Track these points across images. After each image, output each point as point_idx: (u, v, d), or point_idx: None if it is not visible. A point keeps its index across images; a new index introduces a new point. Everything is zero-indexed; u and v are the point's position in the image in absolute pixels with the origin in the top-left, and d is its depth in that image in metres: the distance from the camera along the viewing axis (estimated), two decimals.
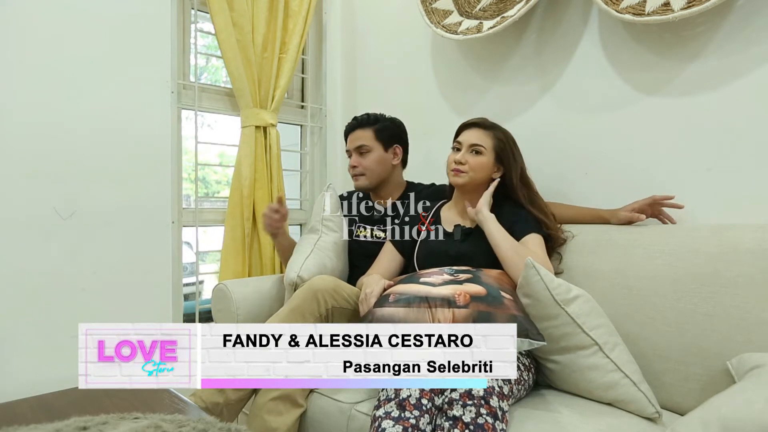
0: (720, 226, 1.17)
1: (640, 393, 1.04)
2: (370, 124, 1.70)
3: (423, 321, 1.02)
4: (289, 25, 2.13)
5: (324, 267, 1.56)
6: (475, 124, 1.42)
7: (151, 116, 1.86)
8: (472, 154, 1.38)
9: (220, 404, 1.24)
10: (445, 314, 1.01)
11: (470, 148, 1.38)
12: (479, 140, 1.38)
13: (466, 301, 1.00)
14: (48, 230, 1.66)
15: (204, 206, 2.15)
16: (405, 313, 1.05)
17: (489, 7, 1.73)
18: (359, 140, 1.68)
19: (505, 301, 1.03)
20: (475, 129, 1.41)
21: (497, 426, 0.89)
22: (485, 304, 1.00)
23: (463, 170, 1.38)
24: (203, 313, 2.03)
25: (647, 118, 1.44)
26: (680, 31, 1.37)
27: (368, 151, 1.68)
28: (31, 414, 0.90)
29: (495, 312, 0.98)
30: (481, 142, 1.38)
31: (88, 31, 1.73)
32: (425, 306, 1.05)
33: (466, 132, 1.42)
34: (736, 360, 0.99)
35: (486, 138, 1.39)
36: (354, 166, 1.69)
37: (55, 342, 1.66)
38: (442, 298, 1.04)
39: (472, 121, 1.44)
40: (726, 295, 1.07)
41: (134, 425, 0.77)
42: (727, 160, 1.30)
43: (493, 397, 0.92)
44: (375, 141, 1.69)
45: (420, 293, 1.08)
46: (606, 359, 1.05)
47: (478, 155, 1.38)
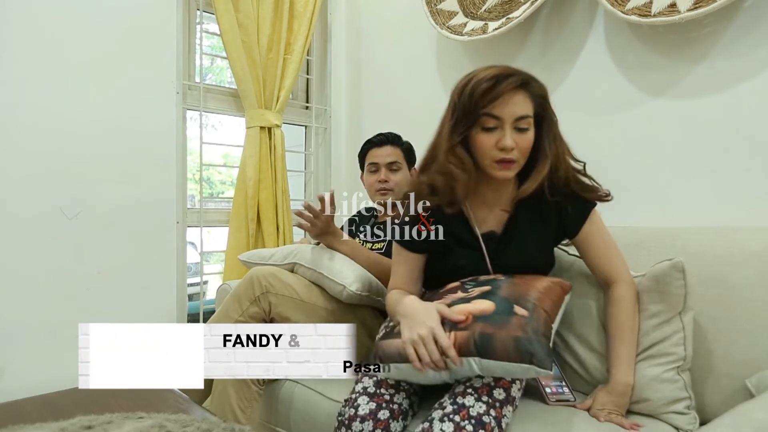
0: (727, 228, 1.16)
1: (690, 413, 1.02)
2: (399, 144, 1.70)
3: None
4: (294, 26, 2.13)
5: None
6: (510, 80, 0.99)
7: (156, 117, 1.87)
8: (519, 132, 1.02)
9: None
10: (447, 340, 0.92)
11: (514, 125, 1.01)
12: (524, 110, 1.01)
13: (467, 322, 0.92)
14: (53, 230, 1.67)
15: (208, 207, 2.16)
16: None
17: (494, 8, 1.72)
18: (392, 156, 1.67)
19: (513, 319, 0.90)
20: (515, 93, 1.00)
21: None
22: (489, 323, 0.90)
23: (513, 158, 1.02)
24: (207, 314, 2.03)
25: (653, 119, 1.43)
26: (686, 33, 1.36)
27: (399, 169, 1.67)
28: (36, 413, 0.90)
29: (496, 333, 0.87)
30: (527, 111, 1.02)
31: (94, 32, 1.74)
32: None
33: (504, 101, 0.99)
34: (756, 378, 0.98)
35: (528, 102, 1.02)
36: (384, 181, 1.65)
37: (60, 341, 1.67)
38: (448, 322, 0.95)
39: (501, 75, 0.99)
40: (733, 298, 1.06)
41: (138, 425, 0.77)
42: (732, 162, 1.29)
43: (508, 407, 0.91)
44: (404, 160, 1.69)
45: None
46: (678, 376, 1.02)
47: (524, 132, 1.03)
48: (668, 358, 1.03)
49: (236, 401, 1.25)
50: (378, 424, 0.93)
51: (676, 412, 1.01)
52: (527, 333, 0.88)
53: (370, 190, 1.72)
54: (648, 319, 1.05)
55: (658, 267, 1.04)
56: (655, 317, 1.05)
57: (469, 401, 0.89)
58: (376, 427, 0.93)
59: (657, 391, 1.02)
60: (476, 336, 0.88)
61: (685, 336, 1.03)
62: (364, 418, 0.93)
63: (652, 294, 1.06)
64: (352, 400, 0.97)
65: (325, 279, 1.38)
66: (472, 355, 0.88)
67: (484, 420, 0.87)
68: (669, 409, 1.02)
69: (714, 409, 1.04)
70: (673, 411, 1.02)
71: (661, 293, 1.04)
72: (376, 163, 1.68)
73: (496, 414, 0.88)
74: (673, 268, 1.02)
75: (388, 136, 1.70)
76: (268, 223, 2.05)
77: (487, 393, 0.91)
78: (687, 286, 1.02)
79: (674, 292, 1.03)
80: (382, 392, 0.98)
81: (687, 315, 1.04)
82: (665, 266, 1.03)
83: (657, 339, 1.04)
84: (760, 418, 0.77)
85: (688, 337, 1.03)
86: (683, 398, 1.02)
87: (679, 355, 1.02)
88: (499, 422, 0.88)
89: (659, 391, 1.02)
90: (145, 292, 1.85)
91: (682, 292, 1.02)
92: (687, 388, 1.03)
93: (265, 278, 1.35)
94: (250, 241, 2.01)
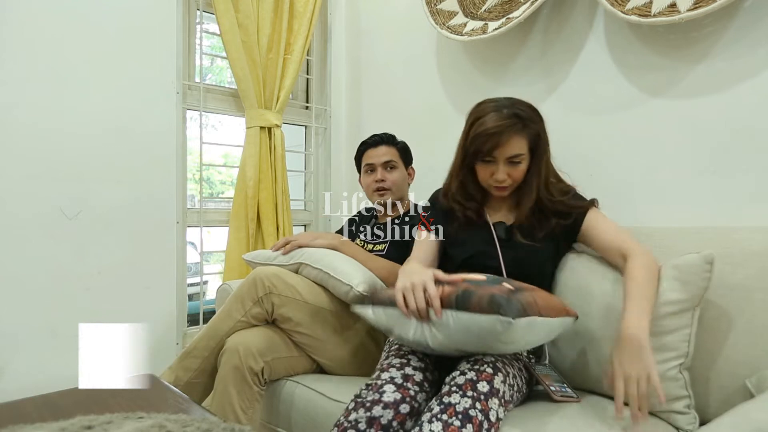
0: (726, 229, 1.16)
1: (691, 413, 1.02)
2: (394, 143, 1.71)
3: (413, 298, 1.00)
4: (294, 26, 2.13)
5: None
6: (507, 129, 1.15)
7: (156, 116, 1.87)
8: (511, 166, 1.19)
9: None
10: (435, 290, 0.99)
11: (508, 161, 1.18)
12: (518, 149, 1.17)
13: (456, 281, 0.99)
14: (53, 230, 1.67)
15: (208, 207, 2.16)
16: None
17: (494, 8, 1.73)
18: (388, 155, 1.68)
19: (496, 286, 0.95)
20: (508, 135, 1.15)
21: (483, 425, 0.87)
22: (474, 285, 0.97)
23: (507, 185, 1.22)
24: (207, 314, 2.03)
25: (653, 119, 1.43)
26: (687, 33, 1.36)
27: (395, 168, 1.69)
28: (36, 413, 0.90)
29: (477, 290, 0.94)
30: (520, 150, 1.17)
31: (94, 32, 1.74)
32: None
33: (501, 144, 1.16)
34: (756, 378, 0.98)
35: (522, 141, 1.17)
36: (381, 180, 1.66)
37: (60, 341, 1.67)
38: (440, 281, 1.02)
39: (501, 128, 1.15)
40: (733, 298, 1.06)
41: (138, 425, 0.77)
42: (733, 162, 1.29)
43: (494, 399, 0.91)
44: (400, 159, 1.71)
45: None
46: (680, 374, 1.03)
47: (517, 165, 1.19)
48: (673, 353, 1.03)
49: (238, 401, 1.25)
50: (398, 416, 0.93)
51: (676, 411, 1.02)
52: (504, 293, 0.93)
53: (368, 190, 1.72)
54: (663, 305, 1.04)
55: (687, 257, 1.04)
56: (671, 305, 1.03)
57: (455, 399, 0.90)
58: (395, 418, 0.93)
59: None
60: (460, 291, 0.95)
61: (691, 333, 1.03)
62: (387, 405, 0.93)
63: (673, 282, 1.04)
64: (377, 386, 0.97)
65: (331, 279, 1.38)
66: (452, 308, 0.94)
67: (471, 414, 0.87)
68: (669, 407, 1.02)
69: (714, 409, 1.04)
70: (673, 410, 1.02)
71: (683, 282, 1.03)
72: (372, 164, 1.69)
73: (482, 407, 0.89)
74: (703, 260, 1.02)
75: (383, 137, 1.71)
76: (268, 223, 2.05)
77: (471, 388, 0.91)
78: (711, 280, 1.02)
79: (698, 284, 1.02)
80: (408, 386, 0.98)
81: (698, 312, 1.04)
82: (695, 257, 1.03)
83: (667, 328, 1.03)
84: (760, 418, 0.77)
85: (693, 334, 1.04)
86: (683, 397, 1.02)
87: (682, 351, 1.03)
88: (487, 414, 0.89)
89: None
90: (145, 292, 1.85)
91: (705, 284, 1.02)
92: (687, 386, 1.03)
93: (268, 279, 1.35)
94: (250, 241, 2.01)
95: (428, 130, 2.05)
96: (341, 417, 0.95)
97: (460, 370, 0.96)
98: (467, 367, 0.96)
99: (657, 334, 1.03)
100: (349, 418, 0.93)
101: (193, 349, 1.35)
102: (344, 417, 0.95)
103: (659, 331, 1.03)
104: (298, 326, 1.35)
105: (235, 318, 1.34)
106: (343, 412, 0.96)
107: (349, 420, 0.93)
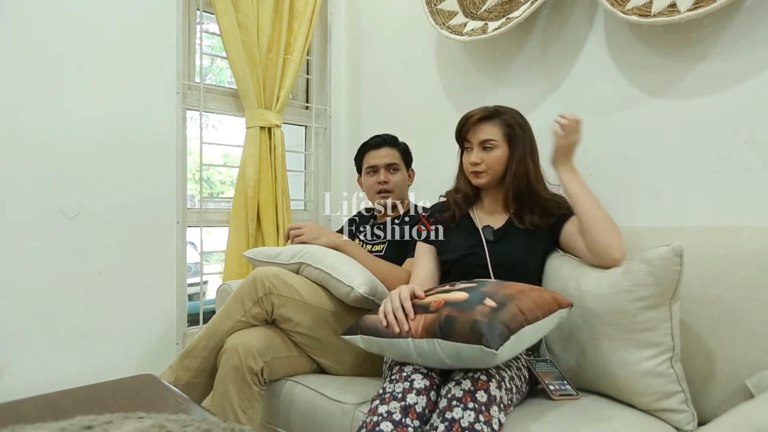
0: (727, 228, 1.16)
1: (689, 410, 1.02)
2: (396, 145, 1.71)
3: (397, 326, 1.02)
4: (294, 26, 2.13)
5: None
6: (481, 114, 1.32)
7: (156, 117, 1.87)
8: (484, 151, 1.31)
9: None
10: (417, 320, 1.00)
11: (481, 145, 1.32)
12: (490, 135, 1.31)
13: (437, 306, 0.99)
14: (53, 230, 1.67)
15: (208, 207, 2.16)
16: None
17: (494, 8, 1.73)
18: (390, 157, 1.68)
19: (478, 307, 0.95)
20: (481, 123, 1.32)
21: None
22: (456, 309, 0.96)
23: (481, 170, 1.32)
24: (207, 314, 2.03)
25: (653, 119, 1.43)
26: (687, 33, 1.36)
27: (398, 170, 1.69)
28: (36, 413, 0.90)
29: (459, 317, 0.94)
30: (491, 136, 1.31)
31: (94, 33, 1.74)
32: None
33: (473, 127, 1.33)
34: (755, 378, 0.98)
35: (495, 129, 1.31)
36: (385, 182, 1.66)
37: (60, 341, 1.67)
38: (423, 306, 1.03)
39: (475, 114, 1.33)
40: (733, 298, 1.06)
41: (138, 425, 0.77)
42: (733, 161, 1.29)
43: (494, 407, 0.91)
44: (401, 161, 1.71)
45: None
46: (671, 369, 1.03)
47: (490, 151, 1.31)
48: (658, 348, 1.03)
49: (238, 402, 1.25)
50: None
51: (672, 409, 1.02)
52: (486, 318, 0.93)
53: (370, 192, 1.72)
54: (636, 301, 1.04)
55: (656, 250, 1.03)
56: (644, 300, 1.04)
57: (457, 413, 0.89)
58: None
59: (650, 385, 1.02)
60: (442, 318, 0.96)
61: (672, 326, 1.03)
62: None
63: (644, 276, 1.03)
64: (374, 423, 0.92)
65: (332, 280, 1.37)
66: (437, 337, 0.95)
67: (477, 428, 0.87)
68: (664, 405, 1.02)
69: (714, 409, 1.04)
70: (668, 408, 1.02)
71: (654, 276, 1.02)
72: (374, 165, 1.68)
73: (485, 419, 0.89)
74: (672, 253, 1.01)
75: (385, 138, 1.71)
76: (268, 223, 2.05)
77: (471, 399, 0.91)
78: (682, 273, 1.01)
79: (669, 277, 1.01)
80: (407, 423, 0.92)
81: (676, 304, 1.04)
82: (663, 250, 1.02)
83: (645, 325, 1.03)
84: (760, 418, 0.77)
85: (676, 327, 1.04)
86: (676, 392, 1.02)
87: (668, 346, 1.03)
88: (491, 425, 0.88)
89: (652, 386, 1.02)
90: (145, 292, 1.85)
91: (676, 277, 1.01)
92: (680, 380, 1.03)
93: (268, 279, 1.34)
94: (250, 241, 2.01)
95: (428, 130, 2.05)
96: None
97: (455, 380, 0.96)
98: (461, 375, 0.96)
99: (637, 330, 1.04)
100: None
101: (193, 348, 1.35)
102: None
103: (639, 327, 1.04)
104: (297, 326, 1.35)
105: (235, 318, 1.34)
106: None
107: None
